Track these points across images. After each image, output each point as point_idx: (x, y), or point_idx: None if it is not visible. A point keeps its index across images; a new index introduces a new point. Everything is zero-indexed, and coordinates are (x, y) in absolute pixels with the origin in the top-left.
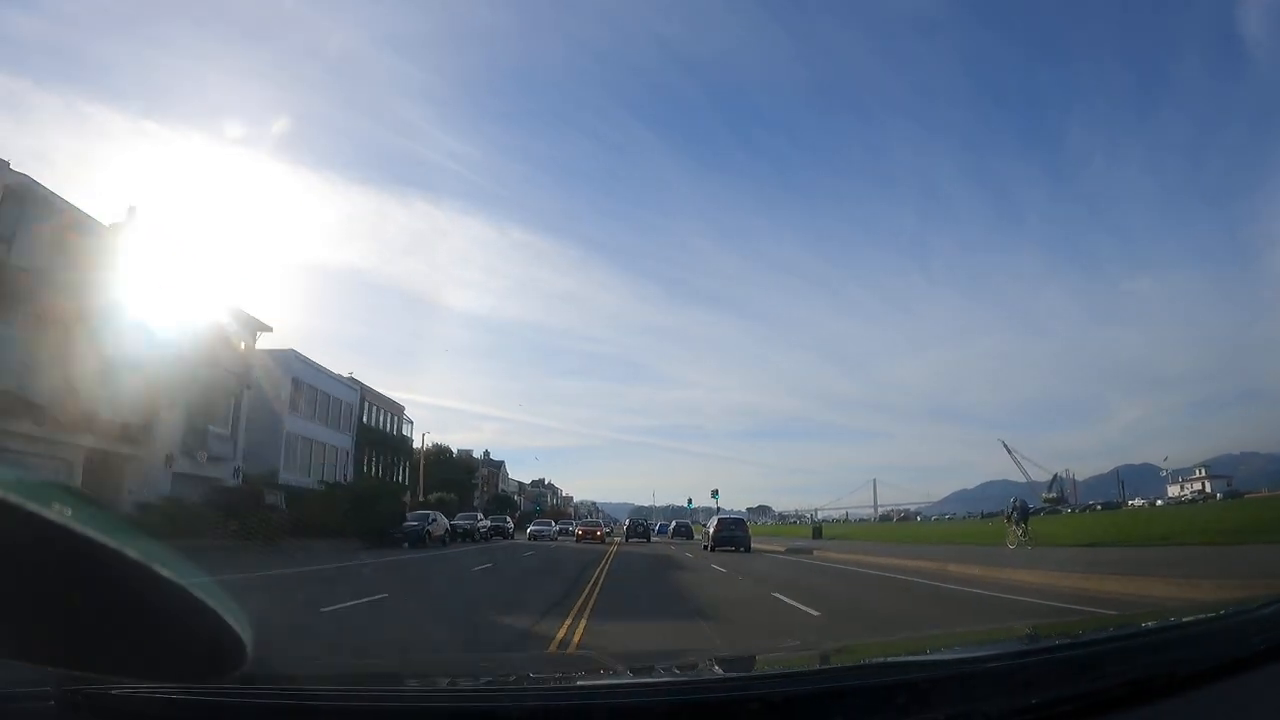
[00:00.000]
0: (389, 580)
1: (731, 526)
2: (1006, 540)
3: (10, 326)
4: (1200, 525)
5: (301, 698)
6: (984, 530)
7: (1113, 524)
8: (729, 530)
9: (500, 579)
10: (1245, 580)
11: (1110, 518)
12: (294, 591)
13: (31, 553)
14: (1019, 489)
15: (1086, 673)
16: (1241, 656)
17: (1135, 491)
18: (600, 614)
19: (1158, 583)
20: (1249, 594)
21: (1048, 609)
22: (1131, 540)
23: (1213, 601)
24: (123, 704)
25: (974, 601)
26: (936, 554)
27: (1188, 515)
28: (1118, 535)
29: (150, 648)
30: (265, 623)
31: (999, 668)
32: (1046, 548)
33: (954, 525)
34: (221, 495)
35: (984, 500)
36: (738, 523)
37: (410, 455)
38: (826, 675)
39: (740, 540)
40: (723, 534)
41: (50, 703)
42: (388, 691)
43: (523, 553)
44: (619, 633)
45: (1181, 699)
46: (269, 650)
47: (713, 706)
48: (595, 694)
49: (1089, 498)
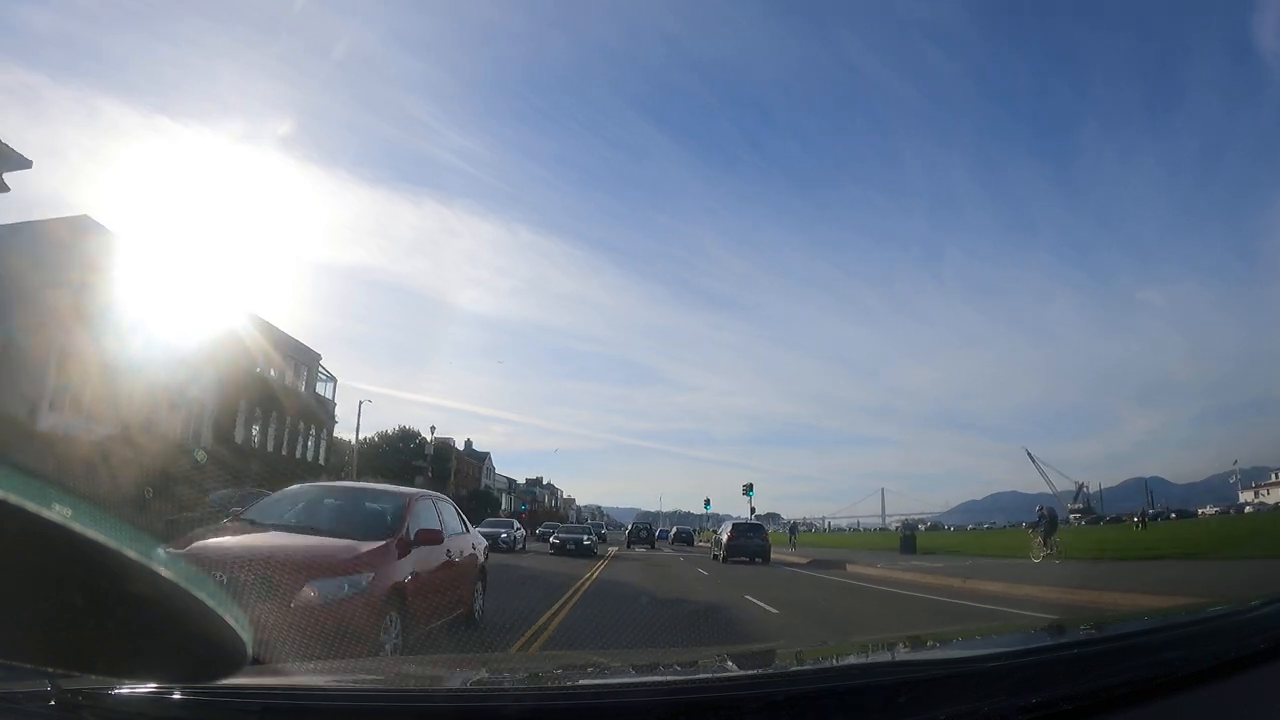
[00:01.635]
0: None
1: (748, 533)
2: (1031, 554)
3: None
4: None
5: (301, 698)
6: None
7: (1225, 536)
8: (744, 538)
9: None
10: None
11: (1203, 527)
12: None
13: (31, 553)
14: (1033, 499)
15: (1087, 672)
16: (1242, 656)
17: (1138, 504)
18: None
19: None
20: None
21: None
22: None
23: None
24: (123, 704)
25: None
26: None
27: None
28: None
29: (150, 648)
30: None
31: (999, 667)
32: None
33: (993, 535)
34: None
35: (993, 511)
36: (755, 529)
37: (327, 428)
38: (827, 675)
39: (758, 550)
40: (737, 542)
41: (50, 703)
42: (387, 691)
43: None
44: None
45: (1182, 698)
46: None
47: (713, 706)
48: (595, 694)
49: (1102, 509)
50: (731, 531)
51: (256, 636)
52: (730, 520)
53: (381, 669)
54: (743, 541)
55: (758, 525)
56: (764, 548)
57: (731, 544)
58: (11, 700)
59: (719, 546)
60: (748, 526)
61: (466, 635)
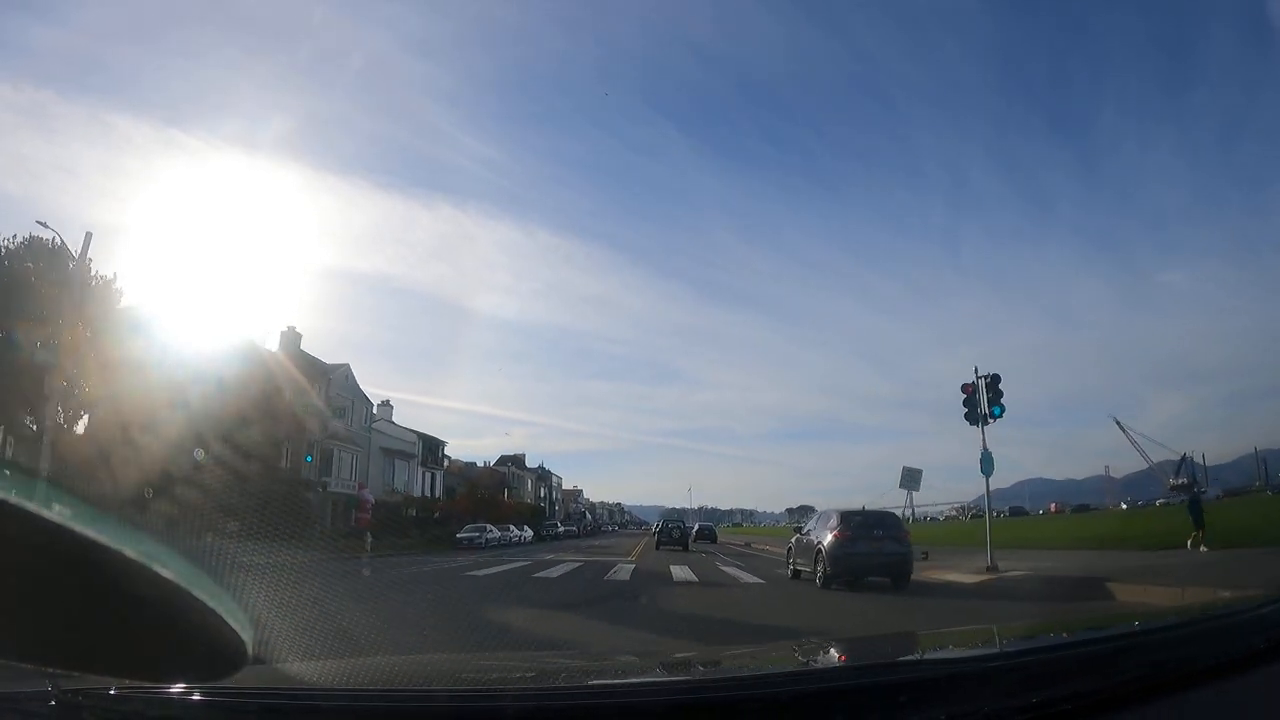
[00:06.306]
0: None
1: (873, 530)
2: (1190, 543)
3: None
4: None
5: (301, 698)
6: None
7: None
8: (869, 539)
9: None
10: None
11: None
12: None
13: (31, 553)
14: (1059, 486)
15: (1087, 671)
16: (1242, 655)
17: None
18: None
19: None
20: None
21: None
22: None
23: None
24: (123, 704)
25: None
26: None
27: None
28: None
29: (150, 648)
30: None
31: (999, 666)
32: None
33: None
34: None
35: (1018, 498)
36: (884, 520)
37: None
38: (827, 674)
39: (893, 563)
40: (856, 549)
41: (50, 703)
42: (388, 691)
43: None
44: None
45: (1182, 698)
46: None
47: (713, 706)
48: (596, 694)
49: (1144, 491)
50: (841, 528)
51: (256, 636)
52: (830, 514)
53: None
54: (867, 549)
55: (888, 515)
56: (903, 558)
57: (847, 551)
58: (11, 700)
59: (809, 555)
60: (874, 517)
61: (467, 635)
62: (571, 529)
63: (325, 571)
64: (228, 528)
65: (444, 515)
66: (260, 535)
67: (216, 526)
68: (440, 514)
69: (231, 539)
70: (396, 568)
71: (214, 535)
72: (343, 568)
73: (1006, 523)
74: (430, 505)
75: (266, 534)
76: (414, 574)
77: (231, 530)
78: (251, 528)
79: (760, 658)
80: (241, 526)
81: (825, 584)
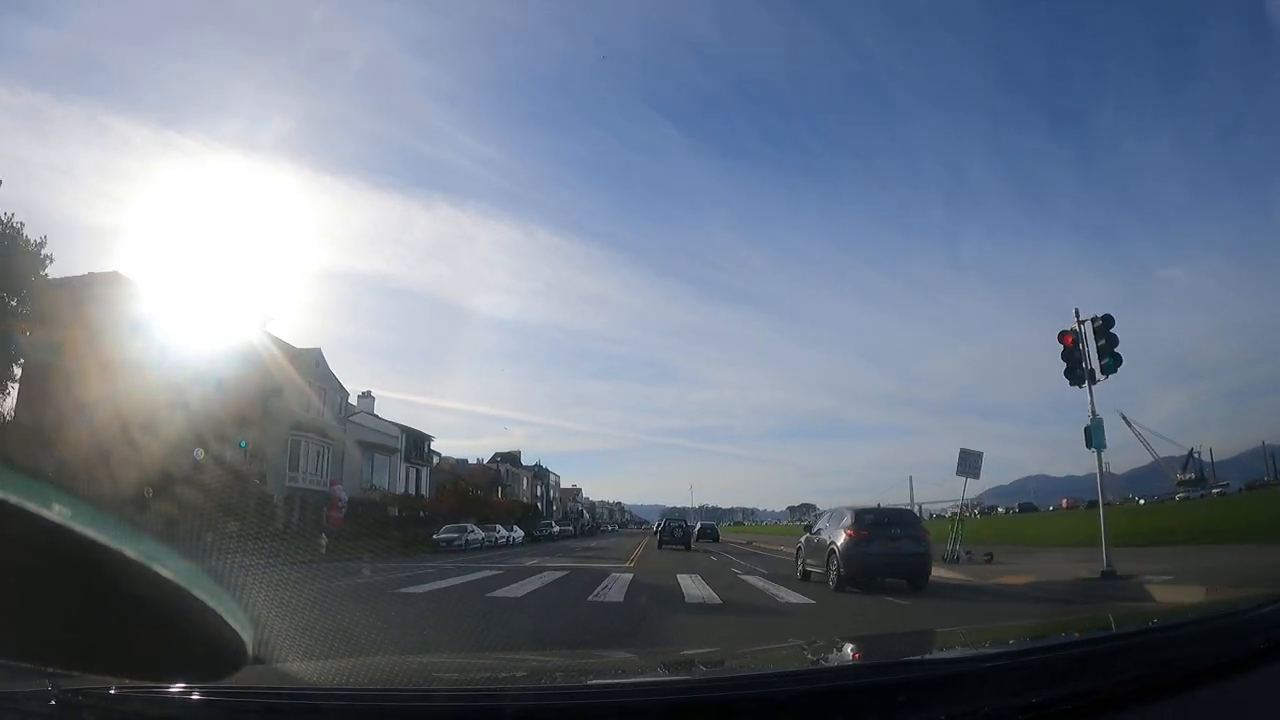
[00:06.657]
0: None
1: (890, 529)
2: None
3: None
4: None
5: (301, 698)
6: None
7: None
8: (886, 539)
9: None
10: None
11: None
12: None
13: (31, 553)
14: (1060, 483)
15: (1087, 671)
16: (1243, 655)
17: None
18: None
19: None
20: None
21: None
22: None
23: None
24: (123, 704)
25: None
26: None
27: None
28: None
29: (150, 648)
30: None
31: (999, 667)
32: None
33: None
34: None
35: (1021, 494)
36: (901, 518)
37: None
38: (826, 674)
39: (911, 565)
40: (873, 549)
41: (50, 703)
42: (388, 691)
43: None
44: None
45: (1182, 698)
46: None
47: (713, 706)
48: (595, 694)
49: (1146, 487)
50: (856, 527)
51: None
52: (844, 512)
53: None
54: (884, 549)
55: (905, 513)
56: (921, 559)
57: (863, 551)
58: (12, 700)
59: (820, 556)
60: (890, 515)
61: (467, 634)
62: (568, 529)
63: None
64: (139, 519)
65: (429, 514)
66: (180, 534)
67: (132, 519)
68: (425, 513)
69: (148, 533)
70: (323, 578)
71: (123, 527)
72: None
73: (1047, 517)
74: (415, 504)
75: (189, 532)
76: (323, 590)
77: (146, 523)
78: (169, 522)
79: (760, 658)
80: (158, 520)
81: (839, 586)
